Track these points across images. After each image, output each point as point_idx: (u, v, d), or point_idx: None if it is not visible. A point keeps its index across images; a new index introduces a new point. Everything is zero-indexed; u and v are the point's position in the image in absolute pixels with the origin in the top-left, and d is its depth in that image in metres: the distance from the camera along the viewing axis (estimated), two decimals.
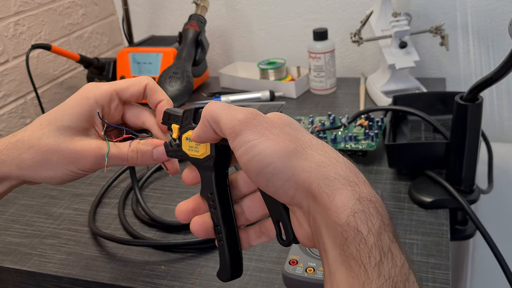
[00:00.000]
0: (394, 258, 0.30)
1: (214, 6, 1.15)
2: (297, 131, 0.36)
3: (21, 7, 0.97)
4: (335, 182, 0.32)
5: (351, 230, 0.30)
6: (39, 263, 0.60)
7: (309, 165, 0.33)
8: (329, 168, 0.32)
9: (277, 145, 0.33)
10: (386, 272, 0.29)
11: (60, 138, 0.45)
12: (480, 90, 0.55)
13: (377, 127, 0.76)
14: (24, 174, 0.45)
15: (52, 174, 0.45)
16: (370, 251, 0.29)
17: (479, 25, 0.99)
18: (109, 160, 0.45)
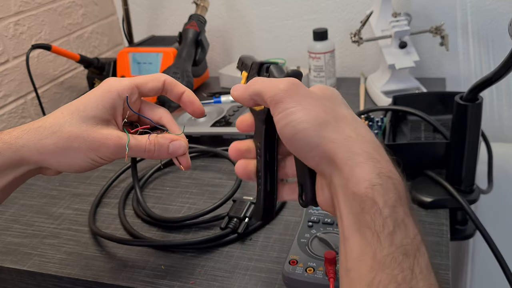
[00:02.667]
0: (407, 230, 0.31)
1: (214, 6, 1.15)
2: (334, 104, 0.38)
3: (21, 7, 0.97)
4: (358, 156, 0.34)
5: (368, 201, 0.32)
6: (39, 263, 0.60)
7: (336, 137, 0.35)
8: (355, 143, 0.35)
9: (310, 114, 0.36)
10: (398, 241, 0.31)
11: (82, 126, 0.46)
12: (480, 90, 0.55)
13: (377, 127, 0.76)
14: (44, 160, 0.46)
15: (71, 161, 0.46)
16: (384, 221, 0.31)
17: (479, 25, 0.99)
18: (128, 150, 0.46)
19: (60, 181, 0.78)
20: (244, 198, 0.63)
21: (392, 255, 0.30)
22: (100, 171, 0.79)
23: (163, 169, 0.78)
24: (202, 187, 0.72)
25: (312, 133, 0.35)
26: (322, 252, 0.50)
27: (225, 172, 0.75)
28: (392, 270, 0.30)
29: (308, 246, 0.52)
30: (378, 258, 0.31)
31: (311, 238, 0.53)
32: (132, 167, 0.62)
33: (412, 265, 0.30)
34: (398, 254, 0.30)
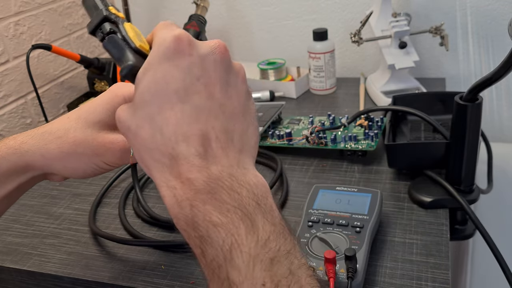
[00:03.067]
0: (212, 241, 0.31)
1: (214, 7, 1.15)
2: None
3: (21, 7, 0.97)
4: (161, 188, 0.34)
5: (181, 230, 0.33)
6: (39, 263, 0.60)
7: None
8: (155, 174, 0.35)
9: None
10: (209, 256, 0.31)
11: (87, 131, 0.45)
12: (479, 90, 0.55)
13: (377, 127, 0.76)
14: (48, 165, 0.46)
15: (76, 166, 0.45)
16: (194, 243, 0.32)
17: (479, 25, 0.99)
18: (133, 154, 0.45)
19: None
20: None
21: (211, 271, 0.31)
22: None
23: None
24: None
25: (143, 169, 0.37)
26: (322, 252, 0.50)
27: None
28: (216, 285, 0.31)
29: (308, 246, 0.52)
30: (207, 277, 0.32)
31: (311, 238, 0.53)
32: (132, 167, 0.62)
33: (227, 274, 0.30)
34: (214, 268, 0.31)
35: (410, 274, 0.52)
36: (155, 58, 0.34)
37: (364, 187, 0.64)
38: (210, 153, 0.33)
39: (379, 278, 0.52)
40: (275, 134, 0.79)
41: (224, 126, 0.35)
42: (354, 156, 0.74)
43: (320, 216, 0.57)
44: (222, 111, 0.35)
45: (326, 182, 0.70)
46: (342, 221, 0.55)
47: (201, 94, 0.34)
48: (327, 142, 0.75)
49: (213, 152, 0.34)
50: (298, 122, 0.84)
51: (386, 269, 0.53)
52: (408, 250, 0.55)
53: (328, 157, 0.76)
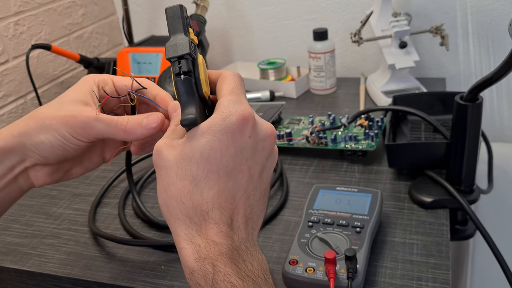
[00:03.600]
0: None
1: (214, 6, 1.15)
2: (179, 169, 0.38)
3: (21, 7, 0.97)
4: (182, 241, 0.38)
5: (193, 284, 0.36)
6: (39, 263, 0.60)
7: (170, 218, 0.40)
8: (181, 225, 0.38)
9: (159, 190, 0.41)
10: None
11: (55, 107, 0.46)
12: (480, 90, 0.55)
13: (377, 127, 0.76)
14: (19, 143, 0.45)
15: (43, 138, 0.45)
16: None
17: (479, 25, 0.99)
18: (99, 122, 0.45)
19: None
20: None
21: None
22: (100, 171, 0.79)
23: None
24: None
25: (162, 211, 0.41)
26: (322, 252, 0.50)
27: None
28: None
29: (308, 246, 0.52)
30: None
31: (311, 238, 0.53)
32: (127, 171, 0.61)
33: None
34: None
35: (410, 275, 0.52)
36: (217, 126, 0.37)
37: (364, 187, 0.64)
38: (235, 225, 0.38)
39: (379, 279, 0.52)
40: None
41: (251, 205, 0.39)
42: (354, 156, 0.74)
43: (320, 216, 0.57)
44: (253, 193, 0.39)
45: (326, 182, 0.70)
46: (342, 221, 0.55)
47: (244, 174, 0.38)
48: (327, 142, 0.75)
49: (238, 225, 0.38)
50: (298, 122, 0.84)
51: (386, 270, 0.53)
52: (408, 251, 0.55)
53: (328, 157, 0.76)
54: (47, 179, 0.49)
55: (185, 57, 0.38)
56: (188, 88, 0.38)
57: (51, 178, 0.49)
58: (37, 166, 0.48)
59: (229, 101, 0.38)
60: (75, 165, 0.51)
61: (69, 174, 0.51)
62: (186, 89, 0.38)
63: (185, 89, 0.38)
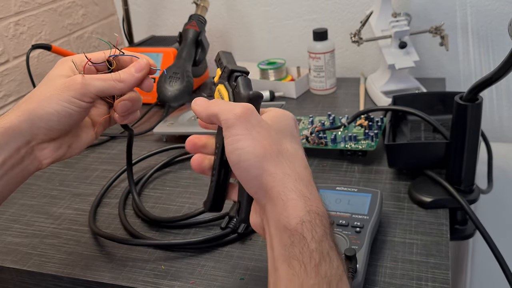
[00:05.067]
0: (331, 261, 0.35)
1: (214, 6, 1.15)
2: (281, 136, 0.42)
3: (21, 7, 0.97)
4: (291, 193, 0.37)
5: (298, 235, 0.35)
6: (39, 262, 0.60)
7: (275, 171, 0.39)
8: (290, 180, 0.38)
9: (256, 145, 0.39)
10: (323, 272, 0.34)
11: (48, 84, 0.49)
12: (479, 90, 0.55)
13: (377, 127, 0.76)
14: (24, 120, 0.47)
15: (48, 109, 0.47)
16: (311, 254, 0.35)
17: (479, 25, 0.99)
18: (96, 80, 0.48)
19: (60, 181, 0.78)
20: None
21: (318, 285, 0.34)
22: (100, 171, 0.79)
23: (163, 169, 0.78)
24: (202, 187, 0.72)
25: (254, 163, 0.39)
26: None
27: None
28: None
29: None
30: (305, 287, 0.34)
31: None
32: (128, 170, 0.61)
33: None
34: (322, 283, 0.34)
35: (410, 274, 0.52)
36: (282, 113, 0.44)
37: (364, 187, 0.64)
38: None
39: (379, 278, 0.52)
40: None
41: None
42: (354, 156, 0.74)
43: None
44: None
45: (326, 182, 0.70)
46: (342, 221, 0.55)
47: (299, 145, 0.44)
48: (327, 142, 0.75)
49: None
50: (298, 122, 0.84)
51: (386, 269, 0.53)
52: (408, 250, 0.55)
53: (328, 157, 0.76)
54: (53, 155, 0.50)
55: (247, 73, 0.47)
56: (250, 82, 0.46)
57: (56, 154, 0.50)
58: (43, 144, 0.49)
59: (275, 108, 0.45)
60: (75, 139, 0.52)
61: (71, 149, 0.52)
62: (248, 82, 0.45)
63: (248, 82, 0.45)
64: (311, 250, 0.35)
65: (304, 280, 0.34)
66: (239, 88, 0.45)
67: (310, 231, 0.35)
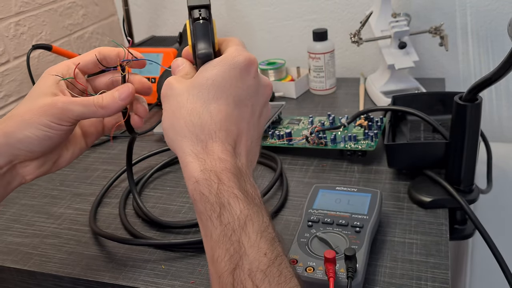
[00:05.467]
0: (232, 208, 0.37)
1: (214, 7, 1.15)
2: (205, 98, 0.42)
3: (21, 7, 0.98)
4: (187, 156, 0.40)
5: (197, 193, 0.39)
6: (39, 262, 0.60)
7: (175, 137, 0.42)
8: (187, 143, 0.41)
9: (165, 118, 0.43)
10: (225, 220, 0.37)
11: (28, 103, 0.47)
12: (479, 90, 0.55)
13: (377, 127, 0.76)
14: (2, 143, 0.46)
15: (27, 133, 0.46)
16: (212, 206, 0.38)
17: (479, 25, 0.99)
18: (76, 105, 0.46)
19: (61, 181, 0.78)
20: None
21: (224, 232, 0.37)
22: (100, 171, 0.80)
23: (163, 169, 0.78)
24: None
25: (164, 132, 0.43)
26: (321, 251, 0.50)
27: None
28: (224, 245, 0.37)
29: (307, 246, 0.53)
30: (214, 237, 0.37)
31: (311, 238, 0.54)
32: (128, 171, 0.61)
33: (239, 237, 0.36)
34: (227, 231, 0.37)
35: (409, 274, 0.52)
36: (228, 61, 0.42)
37: (364, 187, 0.64)
38: (238, 151, 0.42)
39: (379, 278, 0.52)
40: (275, 134, 0.79)
41: (251, 139, 0.44)
42: (354, 156, 0.74)
43: (320, 216, 0.57)
44: (253, 129, 0.44)
45: (326, 182, 0.70)
46: (342, 221, 0.55)
47: (247, 108, 0.43)
48: (327, 142, 0.75)
49: (239, 151, 0.42)
50: (298, 122, 0.84)
51: (386, 269, 0.53)
52: (407, 250, 0.55)
53: (328, 157, 0.76)
54: (37, 172, 0.49)
55: (205, 7, 0.43)
56: (205, 30, 0.43)
57: (40, 170, 0.50)
58: (25, 162, 0.48)
59: (236, 47, 0.44)
60: (61, 154, 0.51)
61: (57, 164, 0.51)
62: (204, 31, 0.43)
63: (203, 31, 0.43)
64: (211, 203, 0.38)
65: (212, 231, 0.38)
66: (195, 38, 0.43)
67: (206, 187, 0.38)
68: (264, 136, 0.80)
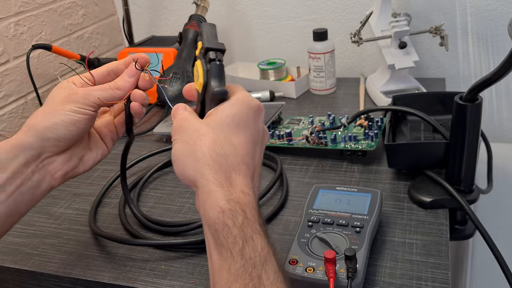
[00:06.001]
0: (255, 244, 0.38)
1: (214, 7, 1.15)
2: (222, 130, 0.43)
3: (21, 7, 0.97)
4: (211, 184, 0.40)
5: (220, 223, 0.38)
6: (39, 262, 0.60)
7: (195, 165, 0.41)
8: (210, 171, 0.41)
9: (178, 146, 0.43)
10: (247, 255, 0.37)
11: (50, 99, 0.51)
12: (479, 90, 0.55)
13: (377, 127, 0.76)
14: (31, 134, 0.48)
15: (54, 120, 0.49)
16: (234, 239, 0.38)
17: (479, 25, 0.99)
18: (96, 90, 0.51)
19: None
20: None
21: (244, 267, 0.37)
22: (100, 171, 0.79)
23: (163, 169, 0.78)
24: None
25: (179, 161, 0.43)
26: (322, 251, 0.50)
27: None
28: (243, 280, 0.36)
29: (308, 246, 0.52)
30: (232, 271, 0.37)
31: (311, 238, 0.54)
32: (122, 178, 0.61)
33: (260, 274, 0.37)
34: (248, 266, 0.37)
35: (410, 274, 0.52)
36: (245, 102, 0.44)
37: (364, 187, 0.64)
38: (253, 183, 0.43)
39: (379, 278, 0.52)
40: (275, 134, 0.79)
41: (259, 174, 0.45)
42: (354, 156, 0.74)
43: (320, 216, 0.57)
44: (259, 165, 0.46)
45: (326, 182, 0.70)
46: (342, 221, 0.55)
47: (258, 147, 0.45)
48: (327, 142, 0.75)
49: (254, 183, 0.43)
50: (298, 122, 0.84)
51: (386, 269, 0.53)
52: (408, 250, 0.55)
53: (328, 157, 0.76)
54: (64, 166, 0.51)
55: (222, 52, 0.46)
56: (221, 71, 0.45)
57: (67, 165, 0.51)
58: (53, 157, 0.50)
59: (246, 93, 0.46)
60: (85, 153, 0.54)
61: (83, 162, 0.53)
62: (220, 72, 0.45)
63: (219, 71, 0.45)
64: (234, 235, 0.38)
65: (231, 264, 0.37)
66: (210, 76, 0.45)
67: (231, 218, 0.38)
68: None
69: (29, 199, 0.50)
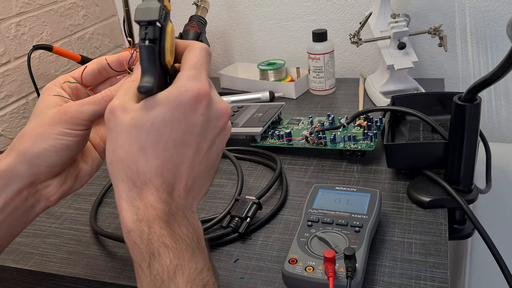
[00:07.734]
0: (161, 259, 0.37)
1: (215, 8, 1.15)
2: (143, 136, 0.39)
3: (22, 8, 0.98)
4: (124, 203, 0.39)
5: (130, 242, 0.38)
6: (40, 262, 0.61)
7: (114, 178, 0.40)
8: (124, 189, 0.39)
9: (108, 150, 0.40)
10: (155, 271, 0.37)
11: (37, 119, 0.46)
12: (478, 90, 0.56)
13: (376, 127, 0.77)
14: (21, 161, 0.44)
15: (44, 145, 0.44)
16: (142, 256, 0.38)
17: (478, 26, 0.99)
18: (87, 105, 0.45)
19: None
20: (247, 198, 0.63)
21: (153, 282, 0.37)
22: (101, 171, 0.80)
23: None
24: None
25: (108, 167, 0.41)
26: (321, 251, 0.51)
27: (225, 172, 0.75)
28: None
29: (307, 245, 0.53)
30: (144, 286, 0.38)
31: (311, 237, 0.54)
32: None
33: (168, 286, 0.37)
34: (156, 281, 0.37)
35: (409, 274, 0.52)
36: (172, 101, 0.38)
37: (363, 187, 0.65)
38: (176, 194, 0.40)
39: (378, 277, 0.52)
40: (275, 134, 0.79)
41: (194, 177, 0.41)
42: (353, 156, 0.74)
43: (320, 216, 0.57)
44: (198, 166, 0.41)
45: (325, 182, 0.70)
46: (341, 221, 0.56)
47: (191, 149, 0.40)
48: (326, 142, 0.75)
49: (178, 193, 0.40)
50: (298, 122, 0.84)
51: (385, 269, 0.53)
52: (407, 250, 0.56)
53: (328, 157, 0.77)
54: (60, 190, 0.48)
55: (152, 24, 0.38)
56: (150, 55, 0.38)
57: (63, 188, 0.48)
58: (47, 181, 0.47)
59: (188, 76, 0.39)
60: (81, 168, 0.50)
61: (79, 179, 0.50)
62: (148, 56, 0.38)
63: (147, 56, 0.38)
64: (142, 252, 0.38)
65: (143, 280, 0.38)
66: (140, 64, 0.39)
67: (138, 236, 0.38)
68: (264, 136, 0.81)
69: (22, 222, 0.47)
